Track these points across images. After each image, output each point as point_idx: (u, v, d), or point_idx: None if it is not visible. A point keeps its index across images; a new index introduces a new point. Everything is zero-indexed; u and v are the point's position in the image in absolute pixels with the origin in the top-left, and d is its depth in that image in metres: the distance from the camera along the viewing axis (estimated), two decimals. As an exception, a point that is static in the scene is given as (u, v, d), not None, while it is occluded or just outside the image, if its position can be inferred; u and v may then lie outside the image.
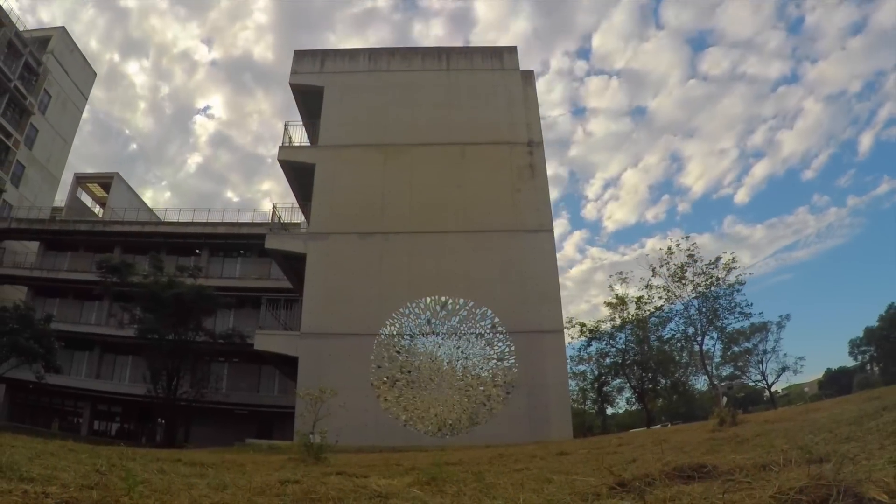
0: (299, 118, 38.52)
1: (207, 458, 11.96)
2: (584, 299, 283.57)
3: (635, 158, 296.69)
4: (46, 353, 39.40)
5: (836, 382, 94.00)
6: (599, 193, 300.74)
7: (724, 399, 42.72)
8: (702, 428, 16.57)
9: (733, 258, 46.50)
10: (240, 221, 55.43)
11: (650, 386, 53.83)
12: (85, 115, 68.85)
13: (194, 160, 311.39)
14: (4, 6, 52.19)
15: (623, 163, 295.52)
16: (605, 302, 52.91)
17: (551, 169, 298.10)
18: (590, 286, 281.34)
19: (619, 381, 56.05)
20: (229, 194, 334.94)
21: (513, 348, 25.33)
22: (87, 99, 68.58)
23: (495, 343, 25.30)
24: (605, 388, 57.64)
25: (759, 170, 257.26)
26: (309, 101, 36.98)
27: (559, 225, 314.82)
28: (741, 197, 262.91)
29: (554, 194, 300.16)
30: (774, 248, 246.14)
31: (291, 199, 38.42)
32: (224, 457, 13.83)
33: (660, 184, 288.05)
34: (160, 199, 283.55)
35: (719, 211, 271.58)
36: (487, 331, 25.28)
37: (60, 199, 64.65)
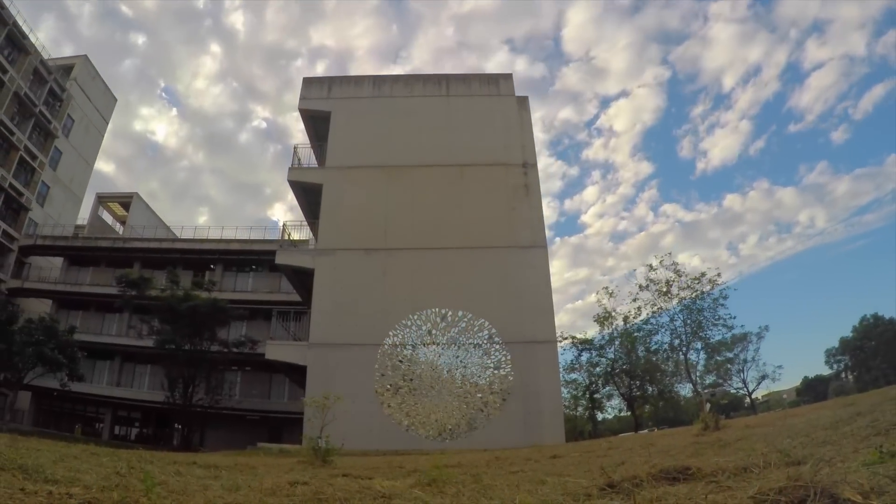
0: (308, 141, 38.65)
1: (221, 461, 11.93)
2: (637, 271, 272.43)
3: (756, 63, 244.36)
4: (70, 362, 39.47)
5: (812, 390, 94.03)
6: (706, 113, 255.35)
7: (708, 405, 42.47)
8: (687, 432, 16.52)
9: (718, 273, 46.87)
10: (252, 238, 55.49)
11: (638, 393, 53.92)
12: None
13: (213, 62, 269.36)
14: (31, 36, 52.50)
15: (739, 71, 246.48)
16: (594, 317, 53.08)
17: (658, 70, 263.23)
18: (650, 253, 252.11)
19: (608, 388, 56.15)
20: (259, 115, 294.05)
21: (508, 358, 25.27)
22: (108, 123, 68.74)
23: (492, 353, 25.25)
24: (595, 396, 57.63)
25: (875, 93, 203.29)
26: (317, 124, 37.12)
27: (644, 168, 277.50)
28: (840, 134, 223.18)
29: (651, 113, 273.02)
30: (850, 211, 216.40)
31: (301, 216, 38.56)
32: (237, 460, 13.79)
33: (771, 104, 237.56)
34: (170, 131, 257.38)
35: (813, 154, 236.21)
36: (485, 341, 25.23)
37: (83, 217, 64.91)
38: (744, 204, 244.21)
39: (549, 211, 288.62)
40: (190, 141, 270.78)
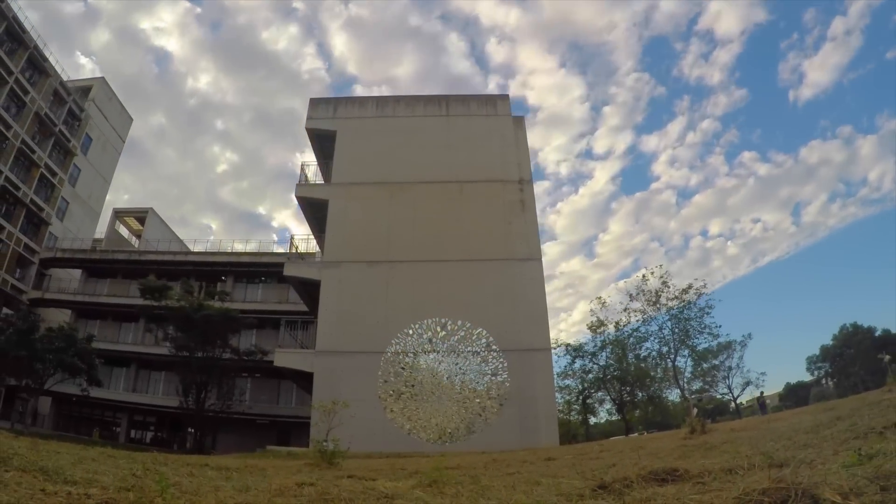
0: (314, 158, 38.74)
1: (232, 463, 11.90)
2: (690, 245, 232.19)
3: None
4: (88, 369, 39.49)
5: (794, 395, 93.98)
6: (818, 18, 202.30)
7: (695, 410, 42.43)
8: (674, 436, 16.51)
9: (704, 284, 47.13)
10: (261, 251, 55.51)
11: (628, 398, 53.96)
12: None
13: None
14: (50, 59, 52.72)
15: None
16: (587, 325, 53.25)
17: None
18: (714, 216, 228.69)
19: (600, 394, 56.13)
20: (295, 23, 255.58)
21: (505, 365, 25.13)
22: (124, 141, 68.78)
23: (490, 360, 25.11)
24: (588, 401, 57.52)
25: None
26: (323, 143, 37.18)
27: (737, 97, 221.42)
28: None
29: (762, 11, 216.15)
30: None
31: (308, 230, 38.59)
32: (247, 462, 13.75)
33: (884, 9, 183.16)
34: (182, 32, 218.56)
35: None
36: (483, 349, 25.11)
37: (100, 231, 64.76)
38: (821, 154, 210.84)
39: (623, 146, 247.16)
40: (206, 48, 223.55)
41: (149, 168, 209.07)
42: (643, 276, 48.24)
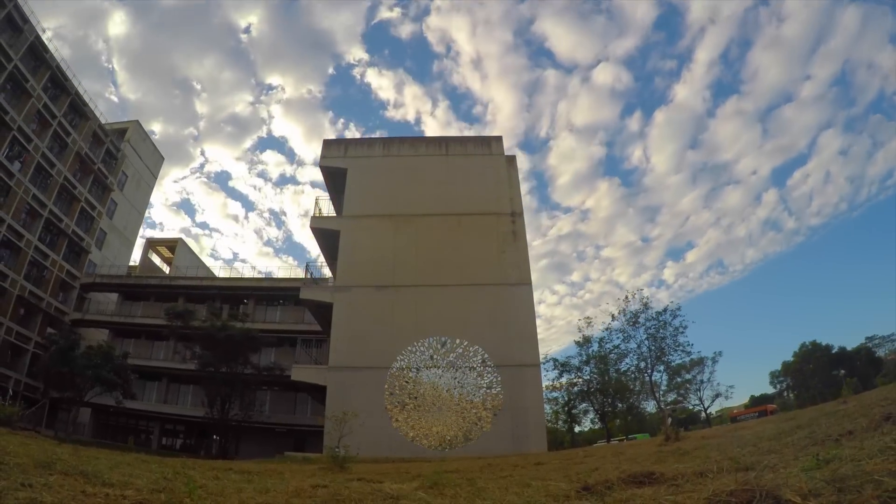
0: (327, 193, 38.94)
1: (253, 468, 11.83)
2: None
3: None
4: (124, 382, 39.30)
5: (759, 406, 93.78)
6: None
7: (669, 420, 42.28)
8: (651, 443, 16.43)
9: (679, 307, 47.09)
10: (279, 277, 55.63)
11: (610, 409, 53.85)
12: None
13: None
14: (90, 104, 53.11)
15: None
16: (574, 341, 53.29)
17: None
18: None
19: (584, 405, 55.95)
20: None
21: (499, 379, 25.10)
22: (156, 178, 68.88)
23: (485, 375, 25.07)
24: (573, 411, 57.36)
25: None
26: (335, 179, 37.34)
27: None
28: None
29: None
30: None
31: (321, 258, 38.65)
32: (267, 466, 13.66)
33: None
34: None
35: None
36: (478, 365, 25.08)
37: (135, 259, 64.86)
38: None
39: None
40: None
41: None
42: (626, 297, 48.40)
